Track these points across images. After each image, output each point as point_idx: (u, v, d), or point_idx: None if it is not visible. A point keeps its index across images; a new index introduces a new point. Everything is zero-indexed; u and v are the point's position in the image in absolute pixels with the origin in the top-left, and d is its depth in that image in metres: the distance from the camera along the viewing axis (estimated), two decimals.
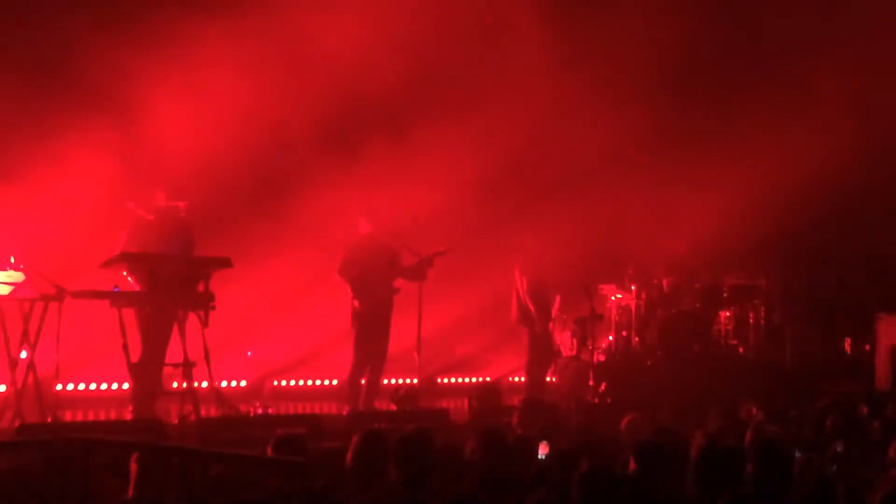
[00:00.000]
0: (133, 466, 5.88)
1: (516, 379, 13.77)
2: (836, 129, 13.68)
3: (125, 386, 10.39)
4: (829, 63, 13.79)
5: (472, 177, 13.24)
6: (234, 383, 12.34)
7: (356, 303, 11.19)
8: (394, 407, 10.92)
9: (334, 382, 12.98)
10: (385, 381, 12.01)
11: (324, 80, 12.13)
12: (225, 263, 9.77)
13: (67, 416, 9.79)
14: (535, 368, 12.67)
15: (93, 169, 10.98)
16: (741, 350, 14.09)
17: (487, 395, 10.87)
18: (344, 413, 10.73)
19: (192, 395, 9.43)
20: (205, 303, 9.62)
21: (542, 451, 7.02)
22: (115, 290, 9.48)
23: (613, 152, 14.29)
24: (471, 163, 13.20)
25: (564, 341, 13.76)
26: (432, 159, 12.88)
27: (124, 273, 9.62)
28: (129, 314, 9.55)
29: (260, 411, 10.46)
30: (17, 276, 9.09)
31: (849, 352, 14.84)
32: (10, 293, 9.10)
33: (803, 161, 13.48)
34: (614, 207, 14.17)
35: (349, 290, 11.23)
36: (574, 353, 13.59)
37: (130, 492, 5.88)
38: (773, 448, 5.87)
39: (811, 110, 13.79)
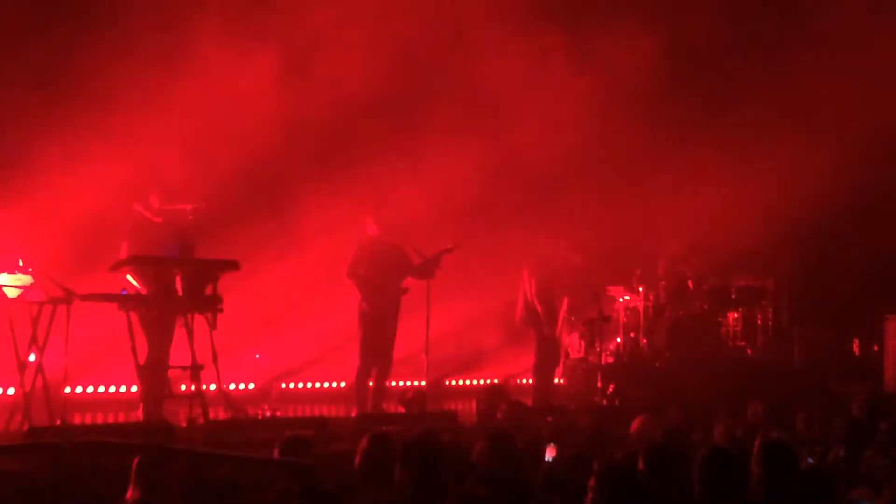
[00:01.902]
0: (133, 470, 5.86)
1: (524, 381, 13.77)
2: (845, 130, 13.65)
3: (133, 389, 10.40)
4: (836, 63, 13.76)
5: (479, 177, 13.24)
6: (242, 386, 12.34)
7: (364, 305, 11.20)
8: (402, 409, 10.92)
9: (342, 385, 12.99)
10: (393, 384, 12.02)
11: (327, 79, 12.13)
12: (233, 266, 9.78)
13: (76, 419, 9.80)
14: (543, 370, 12.66)
15: (101, 172, 11.00)
16: (749, 351, 14.09)
17: (495, 397, 10.89)
18: (352, 415, 10.74)
19: (200, 397, 9.44)
20: (213, 306, 9.64)
21: (550, 454, 7.01)
22: (124, 293, 9.50)
23: (621, 154, 14.27)
24: (478, 163, 13.20)
25: (572, 343, 13.76)
26: (440, 160, 12.88)
27: (128, 276, 9.62)
28: (135, 317, 9.54)
29: (268, 414, 10.48)
30: (25, 280, 9.11)
31: (857, 353, 14.82)
32: (19, 296, 9.11)
33: (812, 162, 13.46)
34: (623, 209, 14.16)
35: (357, 292, 11.25)
36: (582, 354, 13.60)
37: (138, 494, 5.88)
38: (779, 451, 5.85)
39: (820, 110, 13.75)
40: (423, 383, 11.69)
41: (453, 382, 14.21)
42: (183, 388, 10.11)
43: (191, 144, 11.42)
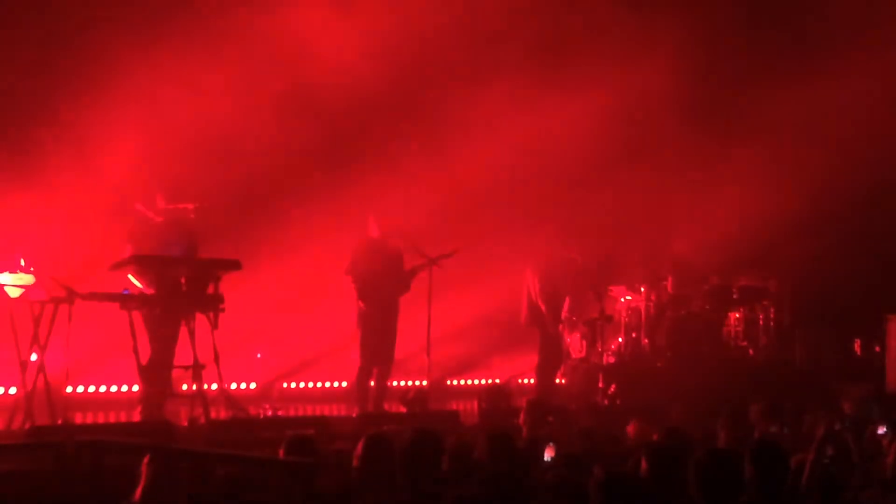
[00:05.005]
0: (143, 469, 5.89)
1: (526, 381, 13.77)
2: (847, 129, 13.65)
3: (135, 388, 10.41)
4: (836, 62, 13.76)
5: (482, 178, 13.25)
6: (243, 385, 12.36)
7: (361, 304, 11.21)
8: (403, 409, 10.93)
9: (343, 384, 13.00)
10: (395, 383, 12.02)
11: (329, 78, 12.13)
12: (234, 266, 9.79)
13: (77, 419, 9.79)
14: (546, 370, 12.65)
15: (102, 171, 11.01)
16: (751, 352, 14.06)
17: (497, 397, 10.88)
18: (353, 415, 10.75)
19: (201, 397, 9.45)
20: (214, 305, 9.65)
21: (549, 454, 7.02)
22: (125, 292, 9.51)
23: (623, 154, 14.27)
24: (481, 164, 13.20)
25: (574, 343, 13.72)
26: (442, 161, 12.89)
27: (129, 276, 9.63)
28: (137, 316, 9.56)
29: (269, 413, 10.48)
30: (27, 279, 9.11)
31: (859, 353, 14.80)
32: (21, 295, 9.12)
33: (813, 161, 13.45)
34: (625, 209, 14.16)
35: (354, 291, 11.25)
36: (584, 354, 13.56)
37: (139, 494, 5.89)
38: (769, 450, 5.85)
39: (821, 110, 13.75)
40: (424, 383, 11.70)
41: (455, 382, 14.22)
42: (184, 387, 10.13)
43: (192, 144, 11.43)
